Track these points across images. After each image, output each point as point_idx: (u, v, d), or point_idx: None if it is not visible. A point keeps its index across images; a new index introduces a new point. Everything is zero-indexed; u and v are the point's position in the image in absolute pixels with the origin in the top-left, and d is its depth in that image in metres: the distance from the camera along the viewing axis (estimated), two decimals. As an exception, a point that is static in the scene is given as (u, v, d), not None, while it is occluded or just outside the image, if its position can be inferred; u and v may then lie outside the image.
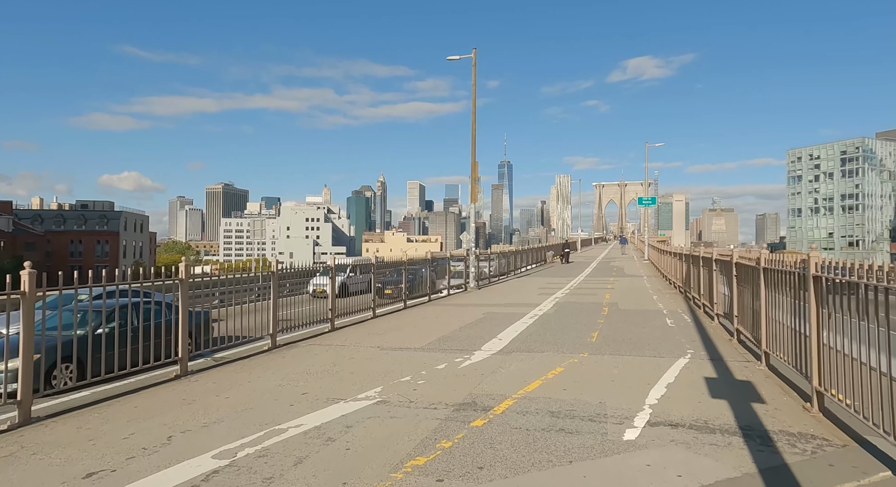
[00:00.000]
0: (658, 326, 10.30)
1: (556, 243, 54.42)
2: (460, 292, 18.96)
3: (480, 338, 9.19)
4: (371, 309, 12.43)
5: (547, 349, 8.18)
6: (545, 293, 17.67)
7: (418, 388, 5.95)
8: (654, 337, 9.04)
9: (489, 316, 12.08)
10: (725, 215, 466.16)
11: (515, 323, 10.88)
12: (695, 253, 13.32)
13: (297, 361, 7.57)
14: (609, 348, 8.17)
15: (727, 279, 9.17)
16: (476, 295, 17.42)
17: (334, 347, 8.62)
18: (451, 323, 11.12)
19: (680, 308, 13.18)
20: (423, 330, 10.39)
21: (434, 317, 12.20)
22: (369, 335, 9.80)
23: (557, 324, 10.67)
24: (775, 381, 5.99)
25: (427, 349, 8.35)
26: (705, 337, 8.97)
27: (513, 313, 12.59)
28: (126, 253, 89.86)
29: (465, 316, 12.36)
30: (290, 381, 6.38)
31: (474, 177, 19.63)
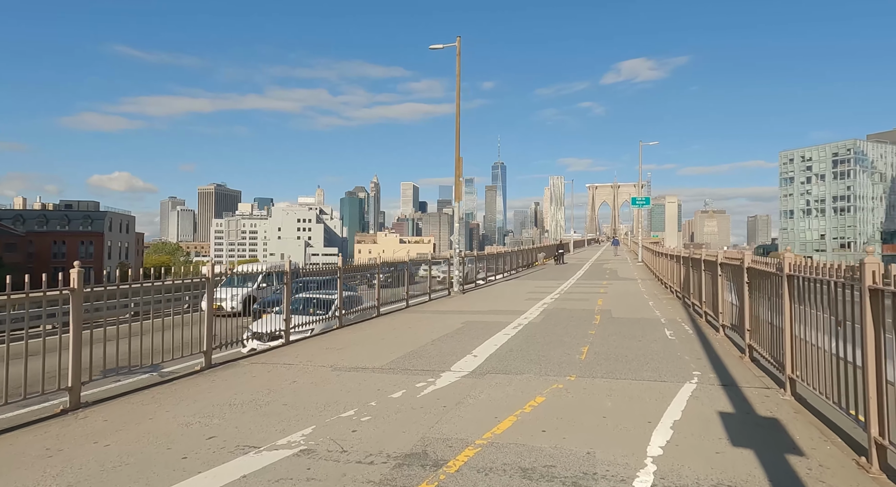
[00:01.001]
0: (656, 339, 9.10)
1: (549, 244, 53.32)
2: (443, 297, 17.70)
3: (453, 355, 7.95)
4: (337, 319, 11.14)
5: (528, 369, 6.95)
6: (533, 298, 16.45)
7: (360, 429, 4.69)
8: (653, 354, 7.83)
9: (468, 326, 10.84)
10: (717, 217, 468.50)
11: (496, 335, 9.64)
12: (695, 256, 12.16)
13: (226, 387, 6.28)
14: (601, 368, 6.95)
15: (736, 286, 7.98)
16: (459, 301, 16.17)
17: (280, 367, 7.34)
18: (423, 335, 9.86)
19: (679, 316, 12.00)
20: (390, 343, 9.13)
21: (406, 327, 10.94)
22: (326, 350, 8.52)
23: (543, 337, 9.45)
24: (808, 419, 4.78)
25: (387, 369, 7.09)
26: (712, 354, 7.77)
27: (495, 322, 11.36)
28: (111, 254, 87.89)
29: (442, 325, 11.11)
30: (202, 417, 5.09)
31: (458, 174, 18.41)
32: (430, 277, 16.96)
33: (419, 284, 16.32)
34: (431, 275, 17.13)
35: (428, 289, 16.88)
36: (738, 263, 7.82)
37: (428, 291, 16.87)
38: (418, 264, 16.85)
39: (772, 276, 6.07)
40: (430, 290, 16.92)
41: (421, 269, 17.88)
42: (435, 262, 18.33)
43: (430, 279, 16.84)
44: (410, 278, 15.22)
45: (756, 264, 6.83)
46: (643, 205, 40.19)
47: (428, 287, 16.92)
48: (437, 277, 18.19)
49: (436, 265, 18.99)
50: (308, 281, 11.36)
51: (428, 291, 16.87)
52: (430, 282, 17.05)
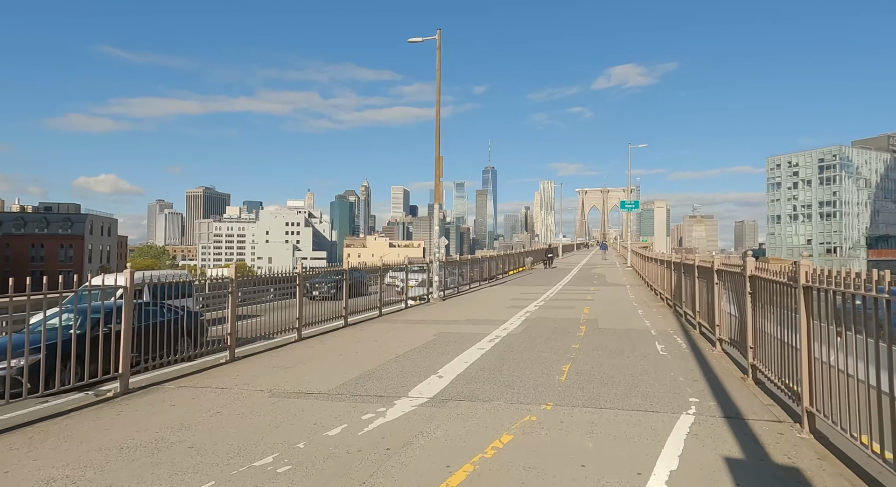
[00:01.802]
0: (647, 354, 8.15)
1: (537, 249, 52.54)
2: (421, 304, 16.67)
3: (415, 375, 6.93)
4: (296, 330, 10.07)
5: (498, 395, 5.94)
6: (516, 305, 15.49)
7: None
8: (643, 374, 6.87)
9: (441, 338, 9.82)
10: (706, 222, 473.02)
11: (469, 350, 8.63)
12: (688, 262, 11.26)
13: (132, 420, 5.19)
14: (583, 393, 5.97)
15: (737, 297, 7.06)
16: (436, 309, 15.15)
17: (210, 392, 6.26)
18: (389, 349, 8.83)
19: (670, 327, 11.09)
20: (348, 359, 8.08)
21: (372, 340, 9.89)
22: (272, 369, 7.45)
23: (521, 352, 8.46)
24: (838, 469, 3.82)
25: (334, 395, 6.05)
26: (709, 375, 6.83)
27: (471, 334, 10.36)
28: (92, 257, 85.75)
29: (412, 337, 10.08)
30: (75, 469, 4.01)
31: (438, 174, 17.42)
32: (383, 286, 13.98)
33: (373, 297, 13.82)
34: (385, 284, 14.40)
35: (405, 297, 15.84)
36: (738, 271, 6.90)
37: (404, 298, 15.83)
38: (375, 273, 14.11)
39: (783, 287, 5.14)
40: (406, 297, 15.88)
41: (388, 277, 15.93)
42: (399, 269, 16.35)
43: (382, 290, 13.73)
44: (361, 289, 13.31)
45: (762, 273, 5.91)
46: (632, 208, 39.53)
47: (404, 295, 15.88)
48: (395, 287, 16.13)
49: (409, 272, 17.20)
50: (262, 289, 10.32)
51: (404, 298, 15.83)
52: (388, 292, 15.99)
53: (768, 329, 5.77)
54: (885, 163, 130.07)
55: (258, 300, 9.35)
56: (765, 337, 5.89)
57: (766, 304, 5.80)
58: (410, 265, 16.81)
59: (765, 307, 5.87)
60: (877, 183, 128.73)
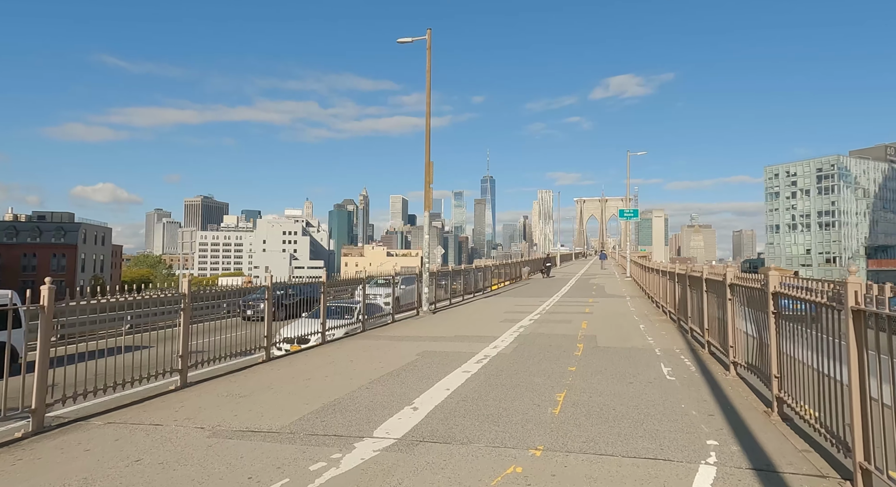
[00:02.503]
0: (652, 380, 7.22)
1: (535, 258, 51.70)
2: (410, 317, 15.73)
3: (386, 406, 5.98)
4: (264, 349, 9.11)
5: (479, 434, 5.01)
6: (510, 319, 14.55)
7: None
8: (650, 405, 5.94)
9: (424, 359, 8.88)
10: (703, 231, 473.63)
11: (453, 373, 7.69)
12: (694, 274, 10.36)
13: (17, 478, 4.24)
14: (580, 432, 5.03)
15: (756, 315, 6.15)
16: (424, 324, 14.20)
17: (139, 430, 5.31)
18: (363, 372, 7.88)
19: (676, 345, 10.16)
20: (315, 385, 7.13)
21: (348, 361, 8.94)
22: (224, 398, 6.50)
23: (510, 376, 7.52)
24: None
25: (286, 434, 5.10)
26: (727, 407, 5.89)
27: (457, 353, 9.41)
28: (85, 267, 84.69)
29: (392, 357, 9.14)
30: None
31: (428, 180, 16.56)
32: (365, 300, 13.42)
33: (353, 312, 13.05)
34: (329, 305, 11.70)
35: (393, 311, 14.89)
36: (758, 286, 6.00)
37: (391, 312, 14.88)
38: (344, 286, 12.84)
39: (821, 309, 4.24)
40: (393, 311, 14.93)
41: (357, 292, 14.68)
42: (377, 283, 15.34)
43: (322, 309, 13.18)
44: (312, 307, 11.64)
45: (790, 290, 5.01)
46: (631, 217, 38.72)
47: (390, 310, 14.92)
48: (351, 306, 13.73)
49: (371, 288, 15.77)
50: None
51: (391, 312, 14.88)
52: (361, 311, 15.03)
53: (799, 355, 4.87)
54: (884, 172, 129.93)
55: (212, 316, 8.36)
56: (795, 364, 4.98)
57: (797, 326, 4.90)
58: (373, 279, 15.82)
59: (794, 329, 4.97)
60: (875, 193, 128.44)
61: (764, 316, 5.79)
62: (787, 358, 5.22)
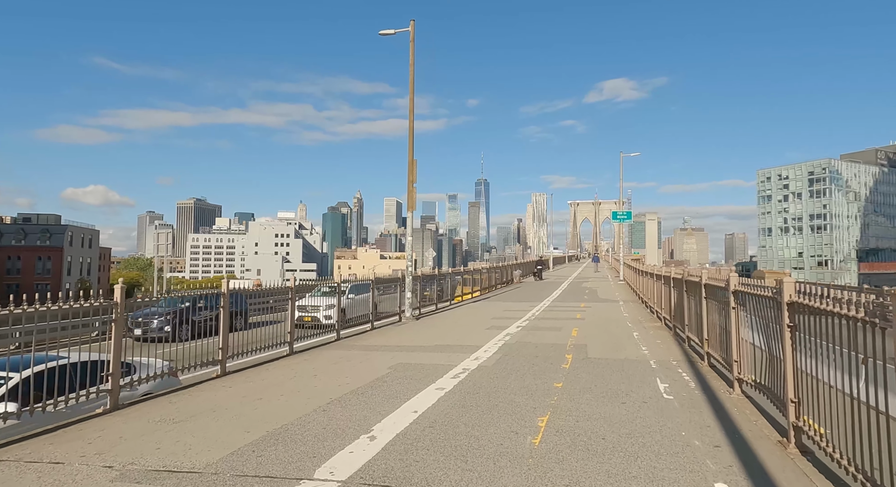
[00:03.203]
0: (647, 399, 6.40)
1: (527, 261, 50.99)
2: (391, 324, 14.86)
3: (341, 433, 5.12)
4: (219, 363, 8.21)
5: (441, 475, 4.16)
6: (497, 326, 13.72)
7: None
8: (645, 432, 5.12)
9: (396, 373, 8.02)
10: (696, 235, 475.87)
11: (425, 391, 6.84)
12: (692, 279, 9.56)
13: None
14: (562, 470, 4.20)
15: (767, 327, 5.35)
16: (405, 331, 13.34)
17: (31, 470, 4.41)
18: (325, 389, 7.02)
19: (672, 356, 9.36)
20: (265, 407, 6.25)
21: (311, 375, 8.06)
22: (155, 425, 5.60)
23: (489, 394, 6.68)
24: None
25: (209, 476, 4.22)
26: (734, 434, 5.08)
27: (435, 365, 8.56)
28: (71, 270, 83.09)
29: (362, 370, 8.27)
30: None
31: (411, 179, 15.73)
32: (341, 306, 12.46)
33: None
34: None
35: (372, 316, 14.01)
36: (769, 295, 5.20)
37: (370, 319, 14.00)
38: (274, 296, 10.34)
39: (857, 323, 3.43)
40: (372, 319, 14.05)
41: (315, 300, 13.34)
42: (322, 291, 13.74)
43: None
44: (238, 322, 9.29)
45: (811, 300, 4.20)
46: (625, 219, 38.08)
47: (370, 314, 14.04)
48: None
49: (326, 296, 14.03)
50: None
51: (370, 319, 14.00)
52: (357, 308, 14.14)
53: (825, 375, 4.07)
54: (874, 176, 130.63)
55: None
56: (817, 386, 4.18)
57: (817, 340, 4.10)
58: (318, 287, 14.68)
59: (813, 343, 4.17)
60: (866, 196, 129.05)
61: (777, 328, 4.99)
62: (806, 379, 4.43)
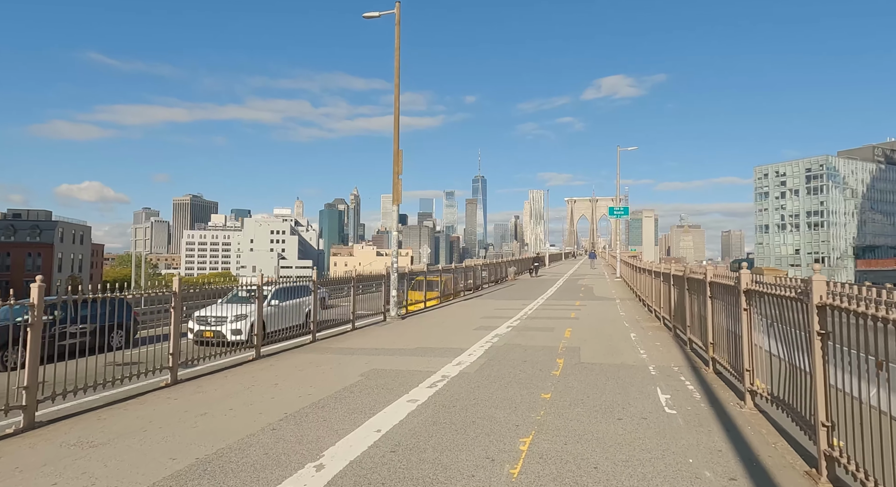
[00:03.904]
0: (647, 414, 5.59)
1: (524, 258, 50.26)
2: (375, 324, 14.02)
3: (284, 461, 4.29)
4: (168, 370, 7.36)
5: (393, 521, 3.34)
6: (486, 326, 12.91)
7: None
8: (645, 460, 4.30)
9: (367, 381, 7.19)
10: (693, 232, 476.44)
11: (395, 404, 6.02)
12: (695, 276, 8.75)
13: None
14: (543, 515, 3.38)
15: (787, 332, 4.53)
16: (387, 332, 12.50)
17: None
18: (281, 402, 6.18)
19: (674, 360, 8.55)
20: (206, 425, 5.41)
21: (272, 384, 7.22)
22: (69, 450, 4.76)
23: (466, 408, 5.85)
24: None
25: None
26: (752, 464, 4.26)
27: (412, 372, 7.74)
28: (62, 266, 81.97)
29: (330, 378, 7.44)
30: None
31: (397, 171, 14.87)
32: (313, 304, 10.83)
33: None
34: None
35: (352, 316, 13.17)
36: (792, 295, 4.38)
37: (351, 319, 13.15)
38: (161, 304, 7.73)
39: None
40: (353, 317, 13.20)
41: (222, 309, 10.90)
42: (237, 296, 11.20)
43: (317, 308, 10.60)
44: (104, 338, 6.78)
45: (849, 302, 3.38)
46: (622, 214, 37.30)
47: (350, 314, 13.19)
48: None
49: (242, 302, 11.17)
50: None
51: (351, 319, 13.15)
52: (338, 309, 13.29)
53: (865, 395, 3.26)
54: (871, 173, 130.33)
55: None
56: (858, 407, 3.37)
57: (861, 352, 3.29)
58: (234, 291, 11.95)
59: (857, 356, 3.36)
60: (863, 193, 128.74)
61: (803, 336, 4.17)
62: (841, 397, 3.62)
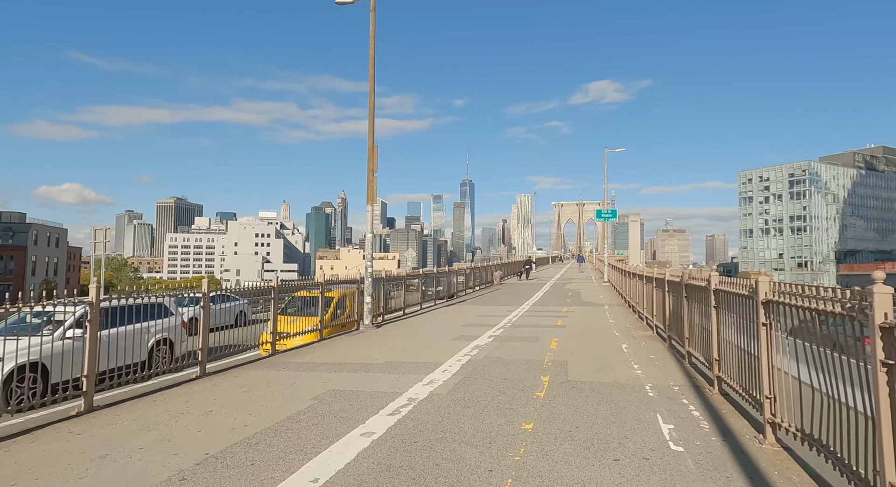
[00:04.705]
0: (648, 453, 4.59)
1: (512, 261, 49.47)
2: (346, 333, 12.91)
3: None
4: (82, 397, 6.18)
5: None
6: (466, 335, 11.88)
7: None
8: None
9: (320, 406, 6.11)
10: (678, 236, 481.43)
11: (345, 439, 4.94)
12: (696, 283, 7.79)
13: None
14: None
15: (833, 360, 3.57)
16: (358, 343, 11.40)
17: None
18: (207, 437, 5.07)
19: (672, 377, 7.59)
20: (98, 474, 4.28)
21: (204, 412, 6.09)
22: None
23: (431, 445, 4.80)
24: None
25: None
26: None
27: (374, 394, 6.67)
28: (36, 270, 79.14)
29: (277, 402, 6.33)
30: None
31: (371, 168, 13.80)
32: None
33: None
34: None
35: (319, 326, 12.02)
36: (838, 311, 3.40)
37: (319, 329, 12.02)
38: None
39: None
40: (320, 329, 12.06)
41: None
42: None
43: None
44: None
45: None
46: (609, 217, 36.61)
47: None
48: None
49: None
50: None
51: (319, 329, 12.02)
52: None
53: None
54: (852, 178, 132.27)
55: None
56: None
57: None
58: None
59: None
60: (844, 198, 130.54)
61: (859, 366, 3.20)
62: None
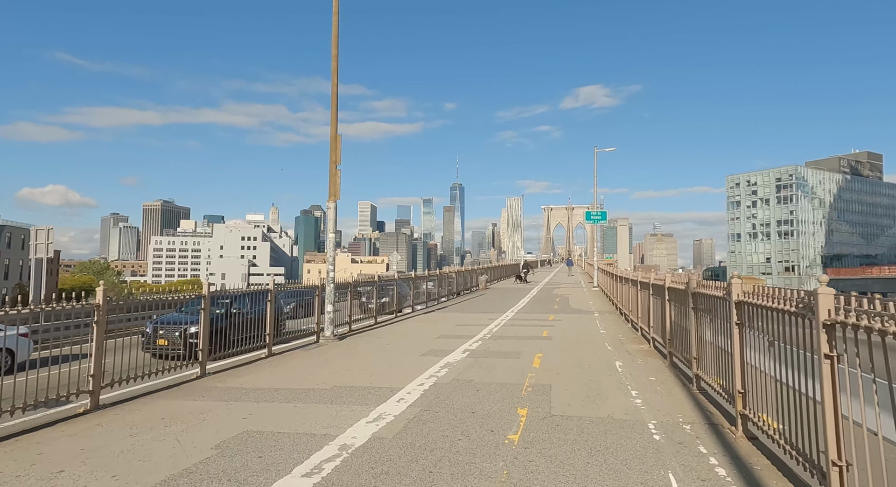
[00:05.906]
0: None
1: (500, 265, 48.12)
2: (304, 346, 11.30)
3: None
4: None
5: None
6: (437, 350, 10.35)
7: None
8: None
9: (219, 460, 4.54)
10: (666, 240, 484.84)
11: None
12: (709, 292, 6.32)
13: None
14: None
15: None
16: (311, 360, 9.79)
17: None
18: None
19: (681, 410, 6.12)
20: None
21: (54, 472, 4.48)
22: None
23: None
24: None
25: None
26: None
27: (300, 438, 5.11)
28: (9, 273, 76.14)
29: (160, 455, 4.74)
30: None
31: (334, 159, 12.25)
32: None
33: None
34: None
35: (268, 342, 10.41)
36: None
37: (266, 344, 10.40)
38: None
39: None
40: (269, 342, 10.42)
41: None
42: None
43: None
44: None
45: None
46: (599, 219, 35.36)
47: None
48: None
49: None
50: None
51: (266, 344, 10.40)
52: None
53: None
54: (838, 183, 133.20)
55: None
56: None
57: None
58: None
59: None
60: (830, 203, 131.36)
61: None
62: None
